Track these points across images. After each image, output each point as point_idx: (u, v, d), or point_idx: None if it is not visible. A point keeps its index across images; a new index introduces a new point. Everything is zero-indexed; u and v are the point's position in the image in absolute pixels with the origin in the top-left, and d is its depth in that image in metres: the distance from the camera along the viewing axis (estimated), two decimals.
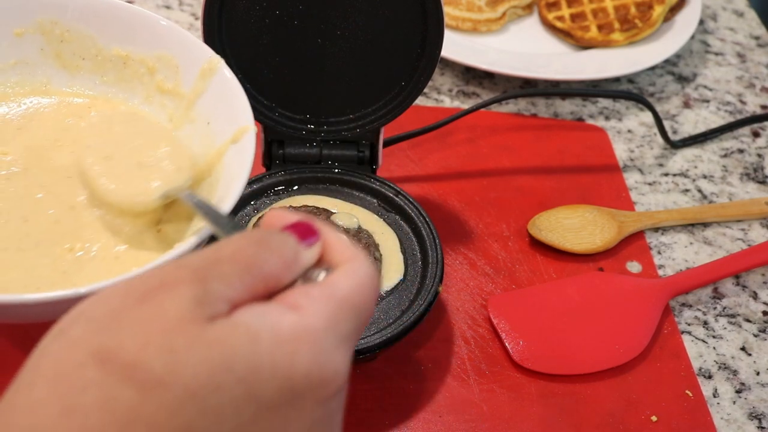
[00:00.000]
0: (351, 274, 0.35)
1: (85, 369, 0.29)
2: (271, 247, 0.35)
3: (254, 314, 0.32)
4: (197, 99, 0.57)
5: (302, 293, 0.34)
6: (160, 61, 0.59)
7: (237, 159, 0.52)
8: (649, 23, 0.91)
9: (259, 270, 0.34)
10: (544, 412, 0.60)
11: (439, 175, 0.77)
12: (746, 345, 0.66)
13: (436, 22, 0.61)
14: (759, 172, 0.82)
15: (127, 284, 0.33)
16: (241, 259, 0.34)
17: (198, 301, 0.31)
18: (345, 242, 0.37)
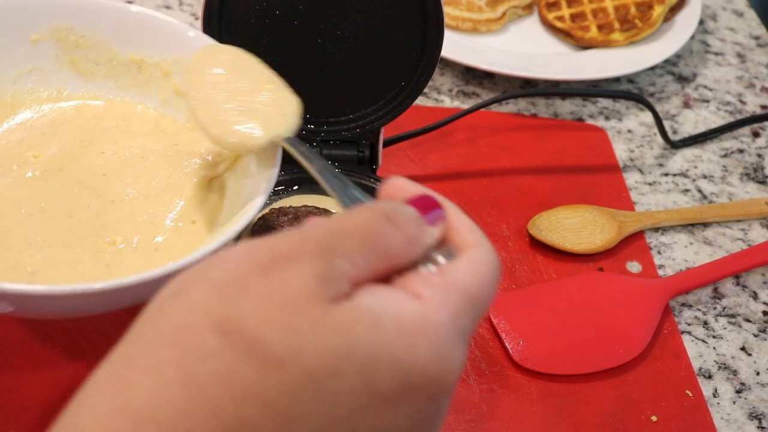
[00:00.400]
0: (474, 263, 0.34)
1: (206, 337, 0.29)
2: (397, 222, 0.33)
3: (377, 300, 0.31)
4: None
5: (425, 281, 0.33)
6: (175, 64, 0.59)
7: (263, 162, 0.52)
8: (649, 23, 0.91)
9: (383, 247, 0.33)
10: (544, 412, 0.60)
11: (439, 175, 0.77)
12: (746, 345, 0.66)
13: (436, 22, 0.61)
14: (759, 172, 0.82)
15: (252, 251, 0.32)
16: (365, 234, 0.32)
17: (322, 278, 0.30)
18: (469, 225, 0.36)
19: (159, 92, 0.61)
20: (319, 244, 0.31)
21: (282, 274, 0.30)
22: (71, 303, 0.45)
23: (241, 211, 0.49)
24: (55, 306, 0.46)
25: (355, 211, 0.34)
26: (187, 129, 0.60)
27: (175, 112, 0.61)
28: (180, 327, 0.30)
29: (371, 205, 0.34)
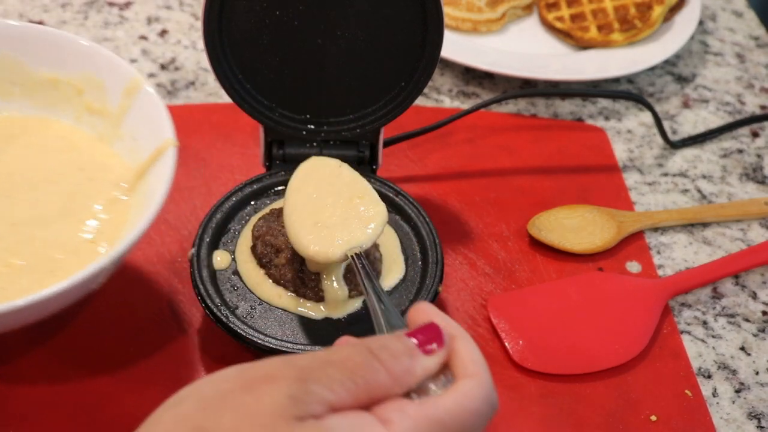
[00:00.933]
0: (461, 395, 0.36)
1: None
2: (382, 359, 0.36)
3: (344, 422, 0.34)
4: (124, 116, 0.61)
5: (397, 408, 0.35)
6: (87, 83, 0.62)
7: (160, 170, 0.55)
8: (649, 23, 0.91)
9: (365, 379, 0.35)
10: (544, 412, 0.60)
11: (439, 175, 0.77)
12: (745, 345, 0.66)
13: (436, 22, 0.61)
14: (758, 172, 0.82)
15: (241, 369, 0.35)
16: (347, 366, 0.35)
17: (293, 398, 0.33)
18: (474, 356, 0.38)
19: (73, 110, 0.64)
20: (301, 369, 0.35)
21: (259, 392, 0.34)
22: None
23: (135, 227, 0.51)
24: None
25: (344, 346, 0.37)
26: (100, 144, 0.63)
27: (89, 128, 0.64)
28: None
29: (361, 341, 0.37)
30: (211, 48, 0.62)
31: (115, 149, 0.62)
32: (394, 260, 0.62)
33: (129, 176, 0.60)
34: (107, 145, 0.63)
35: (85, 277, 0.47)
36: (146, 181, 0.58)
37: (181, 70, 0.86)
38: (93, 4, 0.93)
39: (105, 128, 0.63)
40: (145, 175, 0.58)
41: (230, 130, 0.78)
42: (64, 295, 0.47)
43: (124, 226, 0.57)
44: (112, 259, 0.49)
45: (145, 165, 0.58)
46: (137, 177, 0.59)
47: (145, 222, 0.50)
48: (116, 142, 0.62)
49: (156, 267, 0.66)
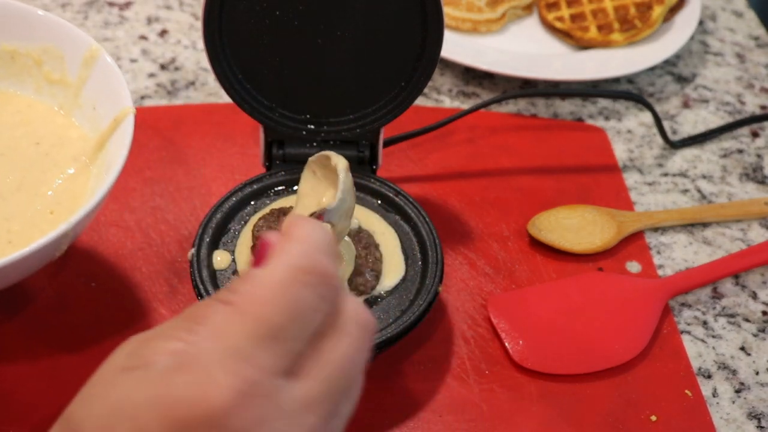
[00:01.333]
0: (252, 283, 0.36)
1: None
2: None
3: (171, 323, 0.35)
4: (83, 86, 0.62)
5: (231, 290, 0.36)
6: (45, 53, 0.63)
7: (119, 139, 0.56)
8: (649, 23, 0.91)
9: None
10: (544, 412, 0.60)
11: (439, 175, 0.77)
12: (745, 345, 0.66)
13: (436, 22, 0.61)
14: (758, 172, 0.82)
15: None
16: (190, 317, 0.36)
17: (127, 354, 0.34)
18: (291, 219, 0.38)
19: (33, 81, 0.64)
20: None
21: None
22: None
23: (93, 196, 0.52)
24: None
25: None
26: (58, 116, 0.64)
27: (49, 99, 0.64)
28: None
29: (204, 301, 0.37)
30: (211, 48, 0.62)
31: (75, 120, 0.63)
32: (394, 260, 0.62)
33: (88, 147, 0.61)
34: (67, 117, 0.64)
35: (42, 245, 0.48)
36: (106, 150, 0.59)
37: (181, 70, 0.86)
38: (93, 4, 0.93)
39: (65, 99, 0.64)
40: (105, 144, 0.59)
41: (230, 130, 0.78)
42: (22, 263, 0.48)
43: (83, 196, 0.58)
44: (68, 228, 0.50)
45: (105, 135, 0.59)
46: (97, 148, 0.60)
47: (103, 190, 0.51)
48: (76, 111, 0.63)
49: (156, 267, 0.66)
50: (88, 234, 0.68)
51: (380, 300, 0.59)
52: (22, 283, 0.63)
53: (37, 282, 0.64)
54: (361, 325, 0.37)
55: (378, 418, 0.58)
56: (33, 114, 0.64)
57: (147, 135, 0.77)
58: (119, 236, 0.68)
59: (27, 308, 0.62)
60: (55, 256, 0.53)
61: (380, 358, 0.61)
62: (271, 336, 0.33)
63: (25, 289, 0.63)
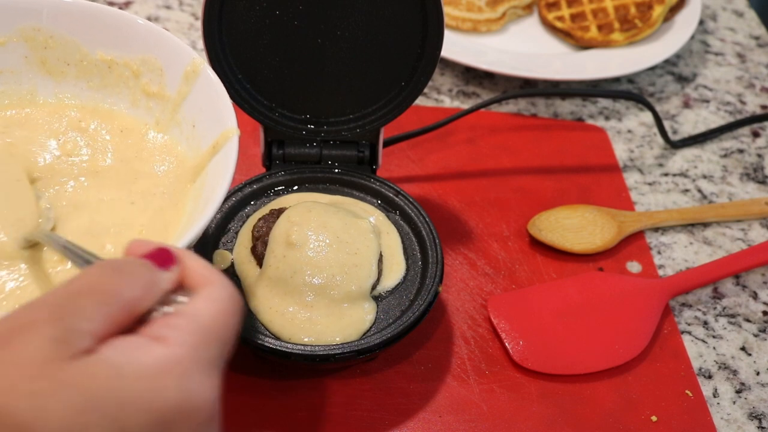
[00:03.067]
0: (211, 299, 0.36)
1: None
2: (128, 273, 0.35)
3: (117, 349, 0.33)
4: (182, 102, 0.57)
5: (165, 324, 0.35)
6: (144, 64, 0.59)
7: (221, 162, 0.52)
8: (649, 23, 0.91)
9: (118, 298, 0.34)
10: (544, 412, 0.60)
11: (439, 175, 0.77)
12: (746, 345, 0.66)
13: (436, 22, 0.61)
14: (759, 172, 0.82)
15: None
16: (98, 290, 0.34)
17: (58, 340, 0.32)
18: (203, 265, 0.38)
19: (129, 93, 0.60)
20: (52, 308, 0.33)
21: (18, 344, 0.31)
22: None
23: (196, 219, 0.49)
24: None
25: (87, 271, 0.35)
26: (157, 135, 0.60)
27: (145, 113, 0.60)
28: None
29: (101, 263, 0.36)
30: (211, 48, 0.62)
31: (171, 135, 0.59)
32: (395, 260, 0.62)
33: (186, 168, 0.57)
34: (163, 132, 0.59)
35: None
36: (206, 173, 0.54)
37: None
38: None
39: (162, 114, 0.59)
40: (205, 167, 0.54)
41: None
42: None
43: (177, 222, 0.55)
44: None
45: (205, 157, 0.55)
46: (196, 170, 0.56)
47: (205, 220, 0.47)
48: (174, 128, 0.59)
49: None
50: None
51: (380, 300, 0.59)
52: None
53: None
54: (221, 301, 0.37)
55: (378, 418, 0.58)
56: (132, 132, 0.60)
57: None
58: None
59: None
60: None
61: (380, 359, 0.61)
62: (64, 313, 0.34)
63: None
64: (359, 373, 0.60)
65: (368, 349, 0.56)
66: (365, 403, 0.59)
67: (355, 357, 0.55)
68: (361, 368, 0.61)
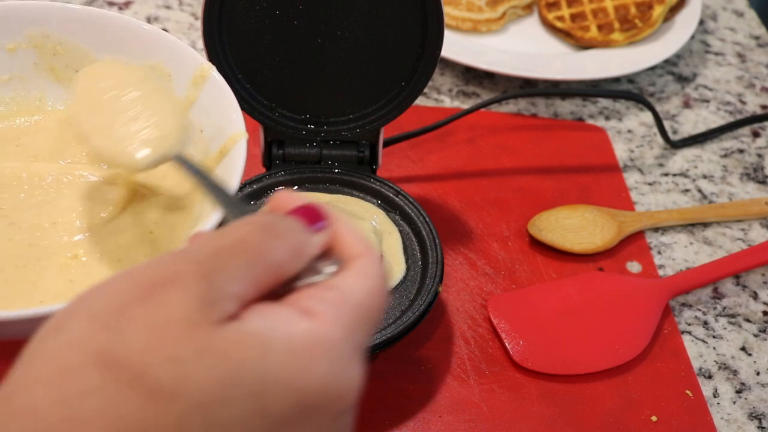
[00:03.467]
0: (363, 275, 0.33)
1: (86, 372, 0.28)
2: (278, 233, 0.32)
3: (265, 320, 0.30)
4: (190, 107, 0.57)
5: (314, 296, 0.32)
6: (152, 70, 0.58)
7: (229, 166, 0.51)
8: (649, 23, 0.91)
9: (266, 260, 0.31)
10: (544, 412, 0.60)
11: (439, 175, 0.77)
12: (746, 345, 0.66)
13: (436, 22, 0.61)
14: (759, 172, 0.82)
15: (131, 276, 0.30)
16: (246, 249, 0.31)
17: (204, 300, 0.29)
18: (356, 234, 0.35)
19: None
20: (199, 264, 0.30)
21: (162, 300, 0.29)
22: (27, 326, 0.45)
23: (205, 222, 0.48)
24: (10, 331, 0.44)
25: (235, 226, 0.32)
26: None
27: None
28: (60, 364, 0.28)
29: (251, 219, 0.33)
30: (211, 48, 0.62)
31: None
32: (396, 260, 0.62)
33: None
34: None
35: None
36: (216, 172, 0.54)
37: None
38: (92, 3, 0.93)
39: None
40: (213, 170, 0.54)
41: None
42: None
43: (184, 225, 0.54)
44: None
45: (213, 161, 0.54)
46: (210, 166, 0.55)
47: (212, 223, 0.47)
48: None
49: None
50: None
51: None
52: None
53: None
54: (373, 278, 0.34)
55: (378, 418, 0.58)
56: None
57: None
58: None
59: None
60: None
61: (380, 359, 0.61)
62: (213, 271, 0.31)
63: None
64: None
65: (368, 349, 0.56)
66: (365, 403, 0.59)
67: None
68: None
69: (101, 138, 0.49)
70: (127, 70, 0.53)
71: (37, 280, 0.50)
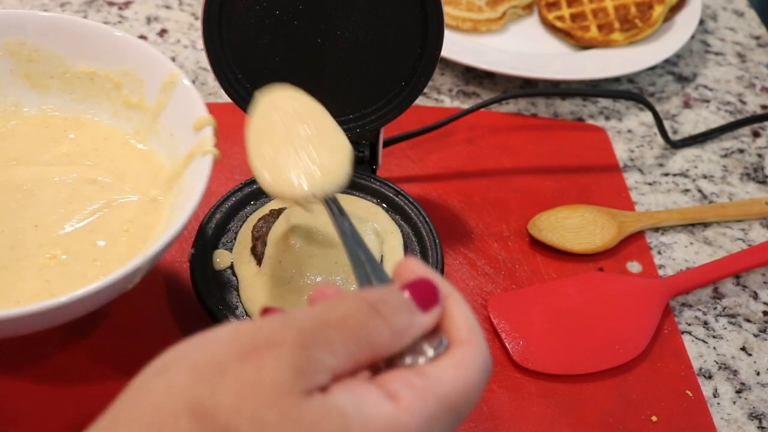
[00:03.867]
0: (460, 365, 0.34)
1: (180, 419, 0.30)
2: (384, 313, 0.33)
3: (351, 398, 0.31)
4: (161, 111, 0.60)
5: (404, 381, 0.33)
6: (125, 76, 0.61)
7: (197, 169, 0.53)
8: (649, 23, 0.91)
9: (367, 339, 0.33)
10: (544, 412, 0.59)
11: (439, 175, 0.77)
12: (746, 345, 0.66)
13: (436, 22, 0.61)
14: (759, 172, 0.82)
15: (236, 333, 0.32)
16: (350, 326, 0.32)
17: (298, 370, 0.31)
18: (467, 317, 0.35)
19: (110, 104, 0.62)
20: (301, 332, 0.32)
21: (260, 361, 0.31)
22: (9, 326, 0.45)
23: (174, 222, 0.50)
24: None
25: (343, 301, 0.34)
26: (135, 145, 0.61)
27: (125, 123, 0.62)
28: (157, 407, 0.31)
29: (359, 295, 0.34)
30: (210, 48, 0.62)
31: (150, 145, 0.61)
32: (396, 260, 0.62)
33: (164, 176, 0.58)
34: (142, 141, 0.61)
35: (111, 282, 0.46)
36: (183, 179, 0.56)
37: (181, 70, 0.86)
38: (92, 3, 0.93)
39: (142, 123, 0.61)
40: (183, 173, 0.56)
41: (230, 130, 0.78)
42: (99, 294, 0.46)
43: (158, 226, 0.56)
44: (142, 262, 0.47)
45: (182, 164, 0.56)
46: (174, 176, 0.57)
47: (177, 227, 0.48)
48: (152, 138, 0.61)
49: (156, 267, 0.66)
50: None
51: None
52: None
53: None
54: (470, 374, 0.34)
55: None
56: (113, 141, 0.62)
57: None
58: None
59: None
60: (127, 288, 0.50)
61: None
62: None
63: None
64: None
65: None
66: None
67: None
68: None
69: (268, 166, 0.50)
70: (304, 101, 0.55)
71: (17, 281, 0.52)
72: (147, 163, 0.60)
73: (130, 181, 0.59)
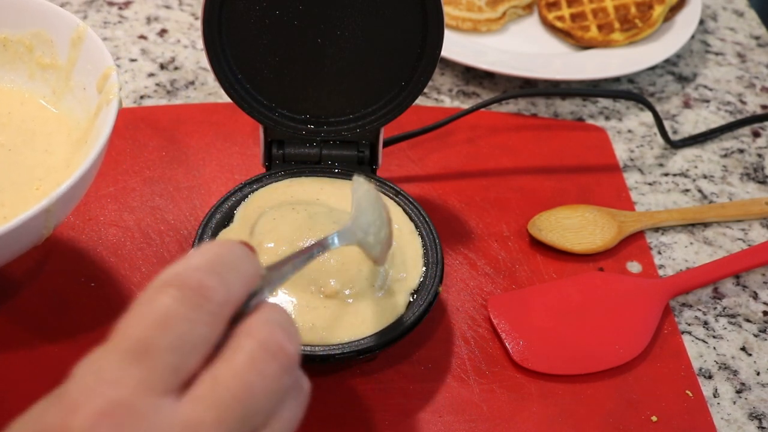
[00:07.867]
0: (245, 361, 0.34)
1: None
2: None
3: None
4: (73, 68, 0.62)
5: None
6: (35, 38, 0.63)
7: (104, 116, 0.56)
8: (649, 23, 0.91)
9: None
10: (544, 412, 0.59)
11: (439, 175, 0.77)
12: (746, 345, 0.66)
13: (436, 22, 0.61)
14: (759, 172, 0.82)
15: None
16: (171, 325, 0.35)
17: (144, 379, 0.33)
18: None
19: (26, 67, 0.65)
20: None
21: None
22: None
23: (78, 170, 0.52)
24: None
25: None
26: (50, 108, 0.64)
27: (42, 84, 0.65)
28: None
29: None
30: (210, 48, 0.62)
31: (66, 103, 0.63)
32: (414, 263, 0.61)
33: (80, 130, 0.61)
34: (59, 100, 0.64)
35: (23, 221, 0.48)
36: (96, 127, 0.58)
37: (181, 70, 0.86)
38: (92, 3, 0.93)
39: (57, 83, 0.64)
40: (95, 122, 0.59)
41: (230, 130, 0.78)
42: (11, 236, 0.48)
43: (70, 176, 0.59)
44: (50, 202, 0.49)
45: (95, 113, 0.59)
46: (88, 128, 0.60)
47: (87, 163, 0.51)
48: (68, 95, 0.63)
49: (155, 267, 0.66)
50: (88, 234, 0.68)
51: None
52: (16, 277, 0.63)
53: (36, 283, 0.64)
54: (263, 346, 0.34)
55: (378, 418, 0.58)
56: (30, 104, 0.64)
57: (146, 135, 0.77)
58: (119, 236, 0.68)
59: (26, 308, 0.62)
60: (42, 235, 0.52)
61: (380, 359, 0.61)
62: (140, 350, 0.33)
63: (21, 283, 0.63)
64: (359, 373, 0.60)
65: (368, 349, 0.56)
66: (365, 403, 0.59)
67: (355, 357, 0.55)
68: (361, 368, 0.61)
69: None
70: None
71: None
72: (59, 123, 0.63)
73: (42, 142, 0.61)
